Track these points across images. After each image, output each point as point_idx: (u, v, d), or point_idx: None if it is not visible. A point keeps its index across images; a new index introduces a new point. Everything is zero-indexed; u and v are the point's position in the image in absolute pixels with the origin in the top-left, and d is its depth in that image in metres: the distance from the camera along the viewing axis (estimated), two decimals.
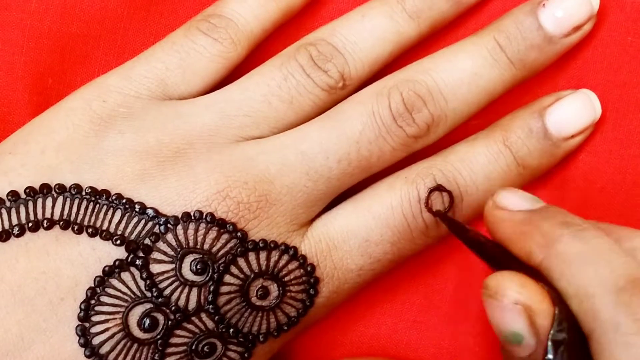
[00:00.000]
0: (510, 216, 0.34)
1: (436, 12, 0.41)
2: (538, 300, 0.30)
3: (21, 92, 0.43)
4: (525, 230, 0.33)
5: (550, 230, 0.32)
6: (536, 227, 0.33)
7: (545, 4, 0.40)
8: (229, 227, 0.36)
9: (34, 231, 0.36)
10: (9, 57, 0.43)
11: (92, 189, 0.36)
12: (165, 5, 0.44)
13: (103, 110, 0.38)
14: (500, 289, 0.31)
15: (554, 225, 0.32)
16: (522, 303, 0.30)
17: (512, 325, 0.31)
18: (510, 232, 0.34)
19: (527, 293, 0.31)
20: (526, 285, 0.31)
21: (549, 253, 0.32)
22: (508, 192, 0.35)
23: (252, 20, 0.41)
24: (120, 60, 0.43)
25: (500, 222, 0.34)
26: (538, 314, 0.30)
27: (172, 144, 0.37)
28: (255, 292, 0.37)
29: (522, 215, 0.34)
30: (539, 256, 0.32)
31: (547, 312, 0.30)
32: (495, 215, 0.35)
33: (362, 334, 0.43)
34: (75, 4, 0.43)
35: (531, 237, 0.32)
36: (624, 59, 0.43)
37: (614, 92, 0.43)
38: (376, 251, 0.39)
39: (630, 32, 0.43)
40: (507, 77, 0.40)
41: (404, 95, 0.39)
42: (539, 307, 0.30)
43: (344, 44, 0.40)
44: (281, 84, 0.39)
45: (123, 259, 0.35)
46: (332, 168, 0.38)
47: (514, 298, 0.31)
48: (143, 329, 0.35)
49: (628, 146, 0.42)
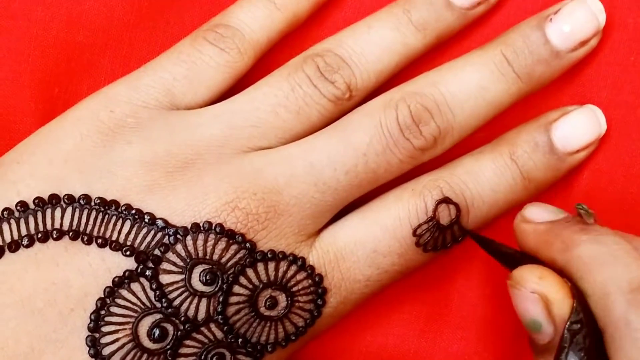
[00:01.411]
0: (535, 228, 0.36)
1: (442, 24, 0.41)
2: (555, 290, 0.32)
3: (27, 101, 0.43)
4: (548, 239, 0.35)
5: (570, 237, 0.34)
6: (557, 235, 0.34)
7: (552, 19, 0.40)
8: (238, 238, 0.36)
9: (43, 242, 0.36)
10: (15, 66, 0.43)
11: (101, 200, 0.36)
12: (171, 15, 0.44)
13: (111, 120, 0.38)
14: (521, 279, 0.33)
15: (573, 232, 0.34)
16: (539, 292, 0.33)
17: (531, 313, 0.33)
18: (536, 242, 0.36)
19: (544, 283, 0.33)
20: (545, 277, 0.33)
21: (569, 256, 0.33)
22: (534, 205, 0.37)
23: (259, 30, 0.41)
24: (126, 69, 0.43)
25: (527, 234, 0.36)
26: (554, 304, 0.32)
27: (181, 154, 0.37)
28: (263, 302, 0.37)
29: (545, 226, 0.36)
30: (560, 261, 0.34)
31: (564, 303, 0.32)
32: (522, 228, 0.37)
33: (370, 344, 0.43)
34: (81, 13, 0.43)
35: (553, 245, 0.34)
36: (626, 78, 0.43)
37: (617, 111, 0.43)
38: (384, 262, 0.39)
39: (633, 52, 0.43)
40: (514, 91, 0.40)
41: (411, 108, 0.39)
42: (555, 296, 0.32)
43: (351, 55, 0.40)
44: (288, 95, 0.39)
45: (133, 269, 0.35)
46: (340, 180, 0.38)
47: (531, 287, 0.33)
48: (153, 339, 0.35)
49: (631, 166, 0.43)
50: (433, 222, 0.39)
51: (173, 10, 0.44)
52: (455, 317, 0.43)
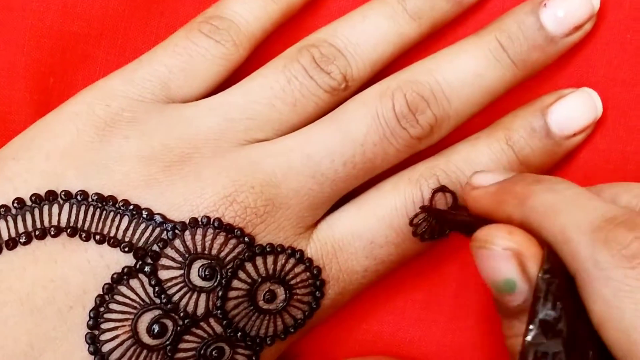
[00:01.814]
0: (485, 191, 0.35)
1: (437, 12, 0.41)
2: (527, 245, 0.31)
3: (22, 91, 0.43)
4: (501, 197, 0.34)
5: (523, 190, 0.33)
6: (510, 192, 0.33)
7: (546, 4, 0.40)
8: (236, 232, 0.36)
9: (41, 239, 0.36)
10: (10, 57, 0.43)
11: (99, 196, 0.36)
12: (166, 4, 0.44)
13: (107, 114, 0.38)
14: (489, 237, 0.31)
15: (525, 185, 0.33)
16: (512, 248, 0.31)
17: (504, 273, 0.31)
18: (489, 204, 0.34)
19: (516, 238, 0.31)
20: (514, 232, 0.31)
21: (525, 209, 0.32)
22: (480, 173, 0.36)
23: (253, 22, 0.41)
24: (121, 59, 0.43)
25: (479, 199, 0.35)
26: (528, 258, 0.31)
27: (178, 148, 0.37)
28: (262, 296, 0.37)
29: (495, 187, 0.35)
30: (517, 216, 0.32)
31: (537, 256, 0.31)
32: (472, 195, 0.36)
33: (365, 332, 0.43)
34: (76, 3, 0.43)
35: (507, 202, 0.33)
36: (623, 56, 0.43)
37: (614, 89, 0.43)
38: (381, 253, 0.39)
39: (629, 30, 0.43)
40: (509, 77, 0.40)
41: (407, 97, 0.39)
42: (528, 251, 0.31)
43: (346, 45, 0.40)
44: (284, 87, 0.39)
45: (131, 265, 0.35)
46: (338, 171, 0.38)
47: (503, 244, 0.31)
48: (152, 335, 0.35)
49: (628, 143, 0.43)
50: None
51: (168, 0, 0.44)
52: (450, 307, 0.43)
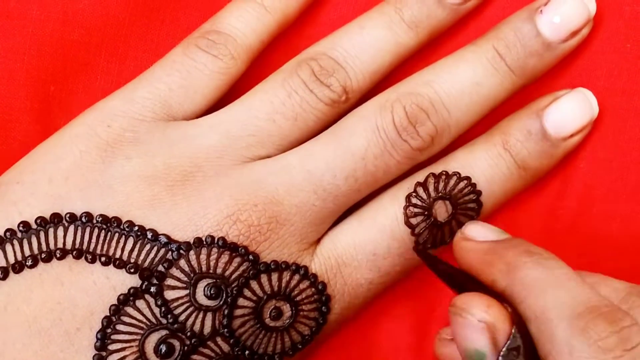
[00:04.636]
0: (476, 246, 0.35)
1: (434, 20, 0.41)
2: (501, 320, 0.31)
3: (23, 99, 0.43)
4: (490, 259, 0.34)
5: (513, 259, 0.33)
6: (500, 256, 0.34)
7: (542, 10, 0.40)
8: (240, 251, 0.37)
9: (47, 261, 0.36)
10: (11, 65, 0.43)
11: (103, 217, 0.36)
12: (166, 13, 0.44)
13: (109, 135, 0.38)
14: (467, 307, 0.32)
15: (517, 254, 0.33)
16: (487, 321, 0.31)
17: (476, 343, 0.31)
18: (477, 262, 0.35)
19: (492, 312, 0.31)
20: (492, 306, 0.32)
21: (511, 279, 0.32)
22: (474, 224, 0.37)
23: (250, 34, 0.41)
24: (122, 67, 0.43)
25: (467, 252, 0.36)
26: (500, 332, 0.31)
27: (180, 167, 0.38)
28: (268, 313, 0.37)
29: (487, 245, 0.35)
30: (502, 283, 0.33)
31: (508, 332, 0.31)
32: (462, 246, 0.36)
33: (361, 339, 0.44)
34: (76, 11, 0.43)
35: (495, 266, 0.33)
36: (623, 66, 0.43)
37: (614, 99, 0.43)
38: (384, 264, 0.39)
39: (629, 40, 0.43)
40: (507, 85, 0.40)
41: (407, 109, 0.39)
42: (502, 326, 0.31)
43: (345, 57, 0.40)
44: (285, 101, 0.39)
45: (137, 286, 0.36)
46: (340, 186, 0.38)
47: (479, 316, 0.31)
48: (160, 355, 0.35)
49: (628, 153, 0.43)
50: (430, 219, 0.39)
51: (168, 8, 0.44)
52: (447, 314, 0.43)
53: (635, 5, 0.43)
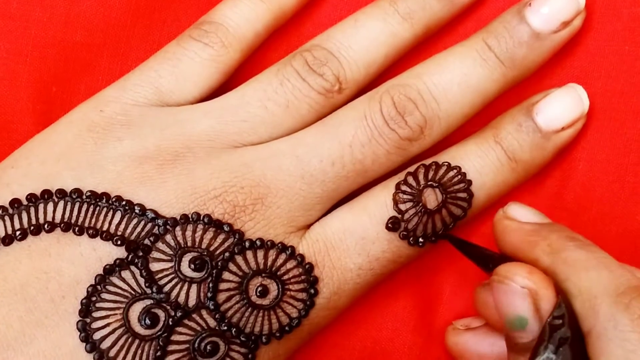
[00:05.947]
0: (519, 226, 0.37)
1: (429, 12, 0.42)
2: (544, 286, 0.33)
3: (25, 100, 0.43)
4: (533, 240, 0.35)
5: (557, 241, 0.34)
6: (544, 238, 0.35)
7: (531, 3, 0.41)
8: (225, 228, 0.37)
9: (35, 234, 0.36)
10: (13, 66, 0.43)
11: (92, 192, 0.37)
12: (168, 14, 0.44)
13: (101, 119, 0.39)
14: (509, 274, 0.33)
15: (561, 237, 0.35)
16: (529, 287, 0.33)
17: (518, 309, 0.33)
18: (519, 241, 0.36)
19: (534, 278, 0.33)
20: (534, 273, 0.33)
21: (556, 258, 0.34)
22: (517, 205, 0.38)
23: (244, 24, 0.41)
24: (124, 67, 0.44)
25: (510, 231, 0.37)
26: (543, 299, 0.33)
27: (171, 148, 0.38)
28: (254, 290, 0.37)
29: (530, 226, 0.36)
30: (546, 261, 0.34)
31: (551, 298, 0.32)
32: (504, 224, 0.37)
33: (364, 338, 0.43)
34: (78, 13, 0.44)
35: (539, 246, 0.35)
36: (621, 67, 0.43)
37: (612, 100, 0.43)
38: (373, 249, 0.39)
39: (627, 41, 0.43)
40: (498, 76, 0.41)
41: (394, 99, 0.39)
42: (544, 292, 0.33)
43: (339, 48, 0.41)
44: (277, 89, 0.40)
45: (123, 258, 0.36)
46: (327, 171, 0.39)
47: (521, 282, 0.33)
48: (144, 325, 0.36)
49: (626, 154, 0.43)
50: (419, 206, 0.39)
51: (170, 9, 0.45)
52: (449, 312, 0.43)
53: (633, 7, 0.43)
